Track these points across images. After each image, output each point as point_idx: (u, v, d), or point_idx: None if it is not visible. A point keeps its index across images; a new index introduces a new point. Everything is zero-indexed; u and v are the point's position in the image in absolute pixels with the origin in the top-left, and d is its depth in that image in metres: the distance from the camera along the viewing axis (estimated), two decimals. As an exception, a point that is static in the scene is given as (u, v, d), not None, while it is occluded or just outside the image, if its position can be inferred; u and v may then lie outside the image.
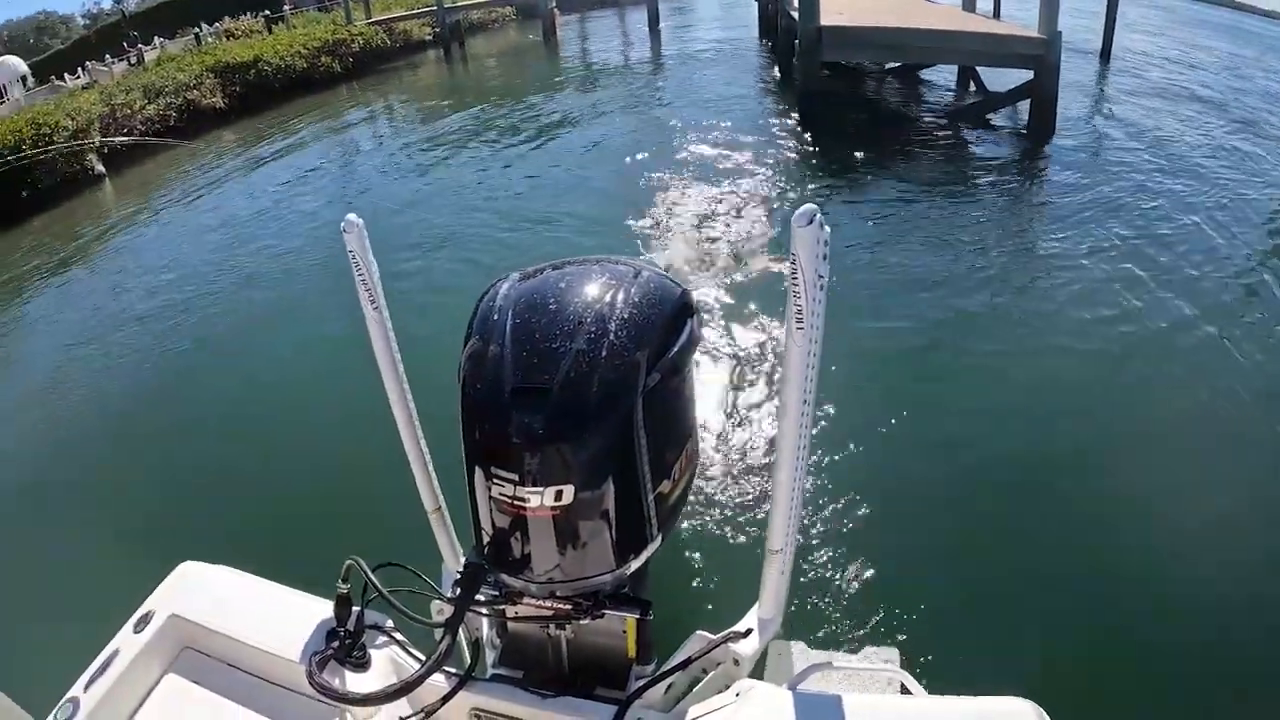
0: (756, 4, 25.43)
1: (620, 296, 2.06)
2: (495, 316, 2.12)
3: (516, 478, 1.96)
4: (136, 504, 6.57)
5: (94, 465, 7.38)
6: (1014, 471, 5.56)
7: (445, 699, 2.34)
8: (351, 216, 2.17)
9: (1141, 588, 4.62)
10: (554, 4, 31.11)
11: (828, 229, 1.62)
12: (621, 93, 19.80)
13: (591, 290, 2.11)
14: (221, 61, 25.97)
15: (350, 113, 23.58)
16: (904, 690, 2.13)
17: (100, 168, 20.44)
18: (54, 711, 2.37)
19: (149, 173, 20.10)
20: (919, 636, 4.21)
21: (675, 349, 2.09)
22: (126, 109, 22.25)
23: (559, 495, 1.96)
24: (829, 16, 13.79)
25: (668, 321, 2.11)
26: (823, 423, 5.67)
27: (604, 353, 1.96)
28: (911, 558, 4.82)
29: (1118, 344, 6.99)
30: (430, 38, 34.14)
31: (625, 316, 2.02)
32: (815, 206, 1.61)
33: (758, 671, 2.24)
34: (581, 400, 1.94)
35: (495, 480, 2.00)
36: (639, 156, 13.56)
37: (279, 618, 2.56)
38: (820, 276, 1.66)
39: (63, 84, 27.81)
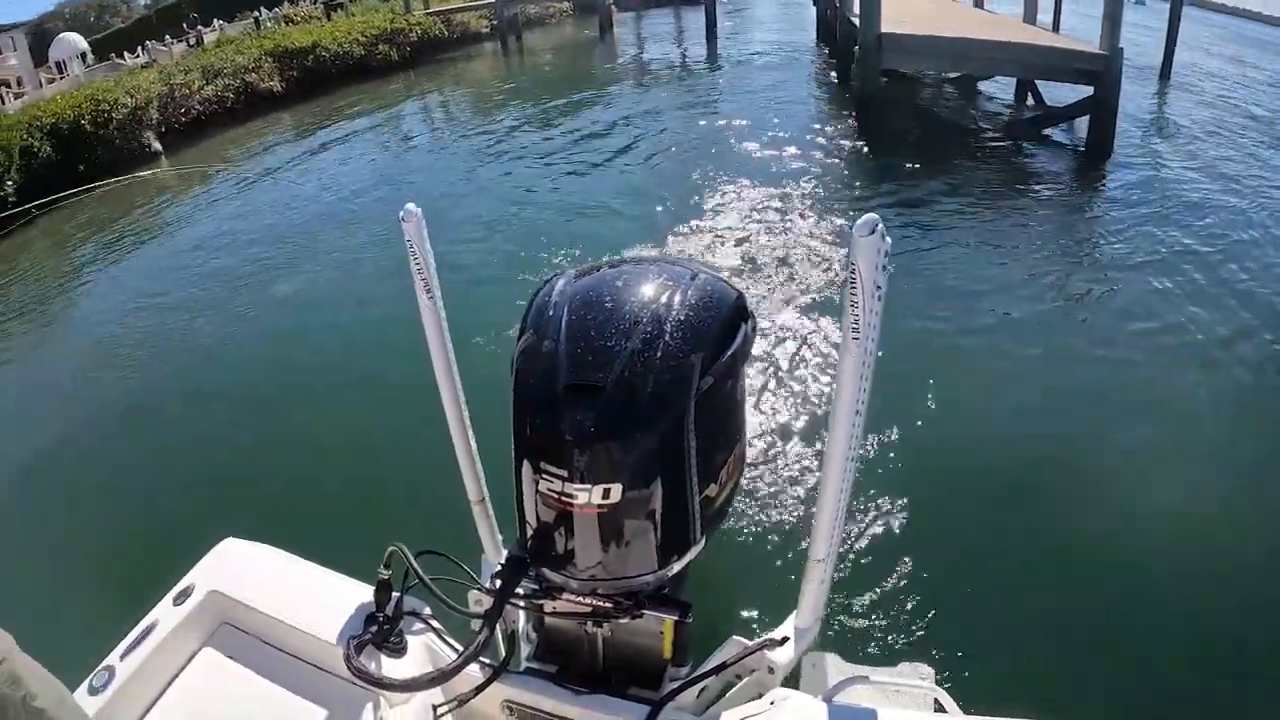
0: (815, 8, 25.29)
1: (677, 298, 2.05)
2: (551, 312, 2.11)
3: (565, 474, 1.96)
4: (180, 478, 6.66)
5: (141, 437, 7.51)
6: (1060, 491, 5.45)
7: (478, 689, 2.35)
8: (411, 206, 2.16)
9: (1193, 617, 4.54)
10: (611, 1, 31.17)
11: (888, 240, 1.60)
12: (677, 92, 19.77)
13: (648, 290, 2.09)
14: (280, 46, 26.35)
15: (406, 102, 23.75)
16: (939, 708, 2.10)
17: (157, 145, 20.78)
18: (88, 679, 2.40)
19: (205, 152, 20.37)
20: (955, 655, 4.16)
21: (729, 353, 2.07)
22: (185, 89, 22.61)
23: (606, 493, 1.95)
24: (889, 23, 13.64)
25: (723, 325, 2.08)
26: (867, 432, 5.55)
27: (659, 354, 1.95)
28: (950, 574, 4.76)
29: (1173, 362, 6.85)
30: (487, 30, 34.35)
31: (681, 318, 2.00)
32: (877, 216, 1.58)
33: (791, 681, 2.23)
34: (634, 400, 1.93)
35: (544, 475, 2.00)
36: (694, 156, 13.54)
37: (318, 599, 2.59)
38: (879, 287, 1.64)
39: (122, 62, 28.26)
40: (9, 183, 16.93)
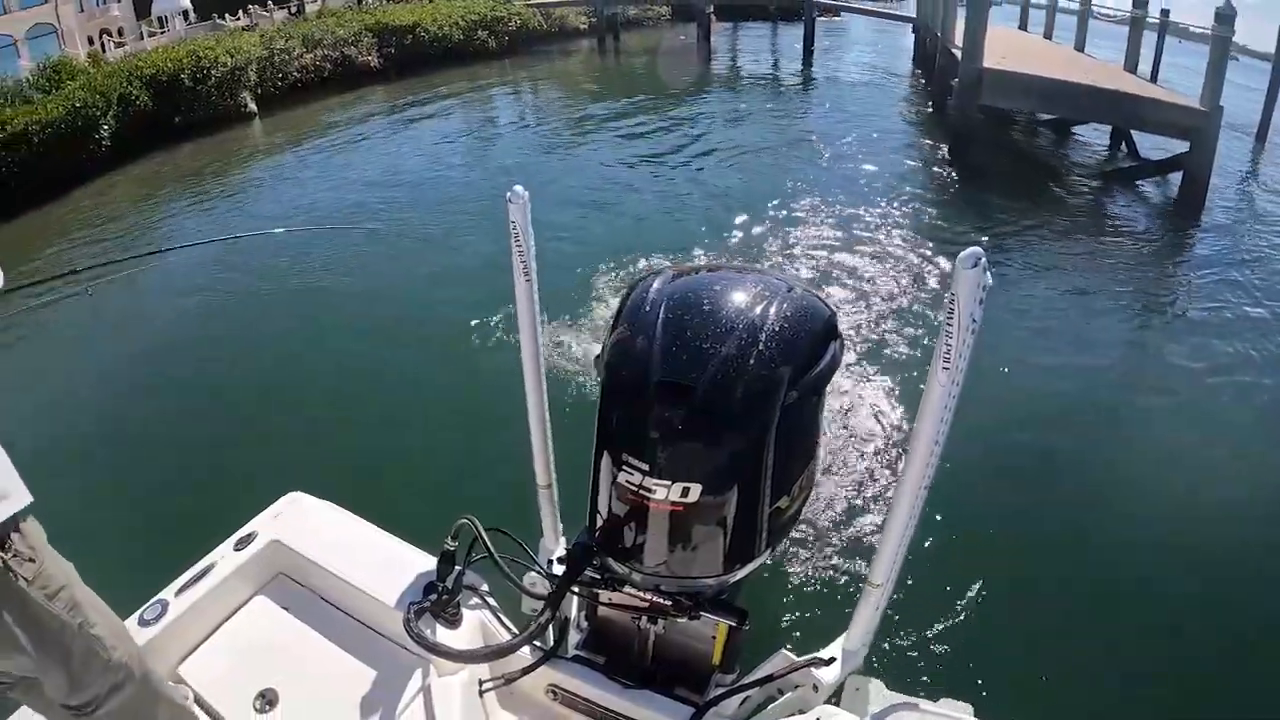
0: (913, 35, 25.09)
1: (773, 309, 2.05)
2: (647, 309, 2.12)
3: (647, 468, 1.97)
4: (256, 430, 6.80)
5: (222, 387, 7.67)
6: (1123, 541, 5.36)
7: (526, 670, 2.38)
8: (518, 188, 2.18)
9: (1259, 679, 4.46)
10: (711, 9, 31.15)
11: (989, 275, 1.60)
12: (770, 105, 19.74)
13: (745, 298, 2.10)
14: (381, 23, 26.65)
15: (500, 89, 23.96)
16: None
17: (253, 106, 21.17)
18: (141, 610, 2.46)
19: (299, 118, 20.73)
20: (999, 694, 4.09)
21: (817, 370, 2.07)
22: (285, 55, 23.00)
23: (685, 492, 1.96)
24: (991, 59, 13.55)
25: (814, 342, 2.10)
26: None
27: (751, 361, 1.95)
28: (1003, 614, 4.72)
29: (1241, 418, 6.78)
30: (585, 27, 34.46)
31: (775, 330, 2.01)
32: (980, 250, 1.58)
33: (833, 702, 2.22)
34: (724, 404, 1.94)
35: (624, 467, 2.01)
36: (783, 170, 13.58)
37: (378, 561, 2.63)
38: (974, 320, 1.63)
39: (224, 23, 28.78)
40: (104, 126, 17.31)
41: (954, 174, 13.36)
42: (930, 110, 18.11)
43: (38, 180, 15.70)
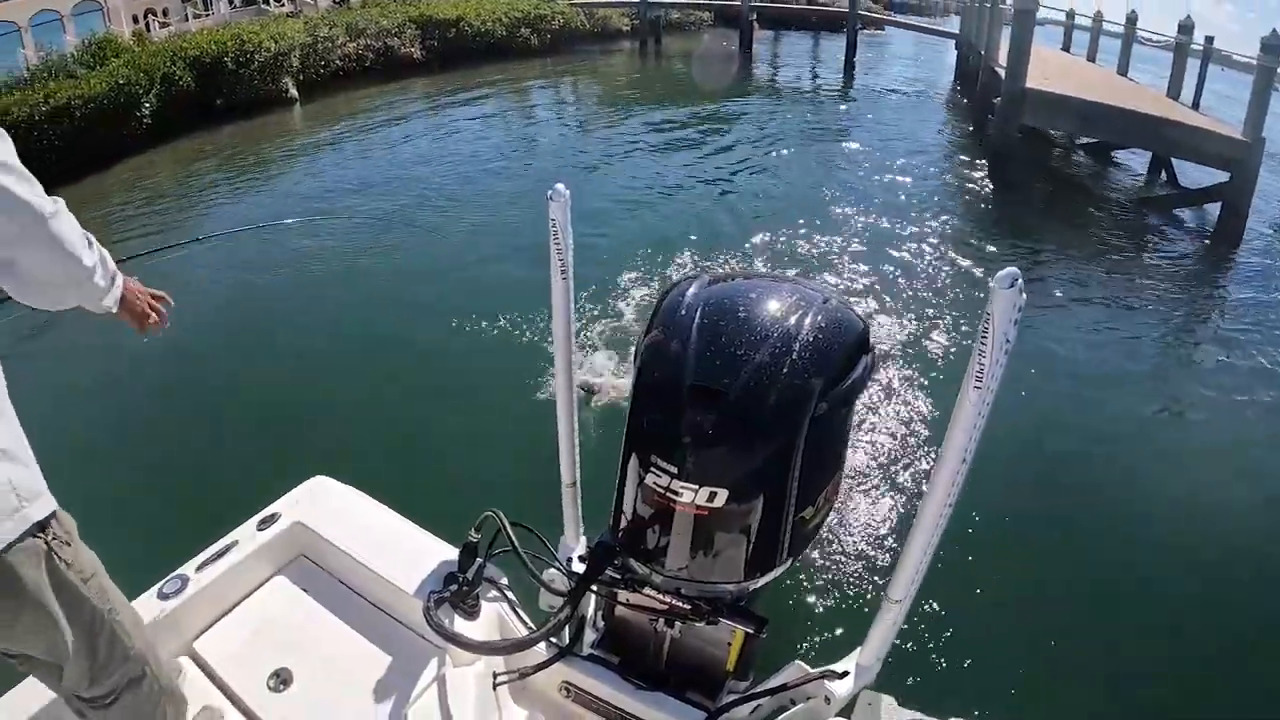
0: (955, 52, 24.99)
1: (807, 319, 2.06)
2: (682, 312, 2.13)
3: (675, 471, 1.98)
4: (283, 413, 6.86)
5: (252, 368, 7.76)
6: (1149, 571, 5.33)
7: (541, 666, 2.40)
8: (560, 186, 2.19)
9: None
10: (754, 16, 31.12)
11: (1025, 295, 1.60)
12: (809, 116, 19.70)
13: (781, 307, 2.11)
14: (425, 15, 26.74)
15: (541, 87, 24.03)
16: None
17: (294, 92, 21.31)
18: (160, 584, 2.50)
19: (339, 105, 20.86)
20: (1009, 716, 4.11)
21: (848, 382, 2.08)
22: (328, 42, 23.12)
23: (711, 496, 1.97)
24: (1034, 79, 13.48)
25: (847, 354, 2.10)
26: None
27: (784, 370, 1.96)
28: (1020, 638, 4.70)
29: (1269, 466, 6.65)
30: (628, 29, 34.49)
31: (809, 340, 2.02)
32: (1017, 270, 1.58)
33: (845, 716, 2.22)
34: (755, 411, 1.95)
35: (652, 469, 2.03)
36: (821, 179, 13.59)
37: (399, 549, 2.66)
38: (1008, 340, 1.63)
39: (268, 8, 28.93)
40: (146, 104, 17.46)
41: (992, 193, 13.31)
42: (970, 127, 18.00)
43: (80, 155, 15.84)
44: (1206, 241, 12.15)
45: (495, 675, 2.48)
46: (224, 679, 2.41)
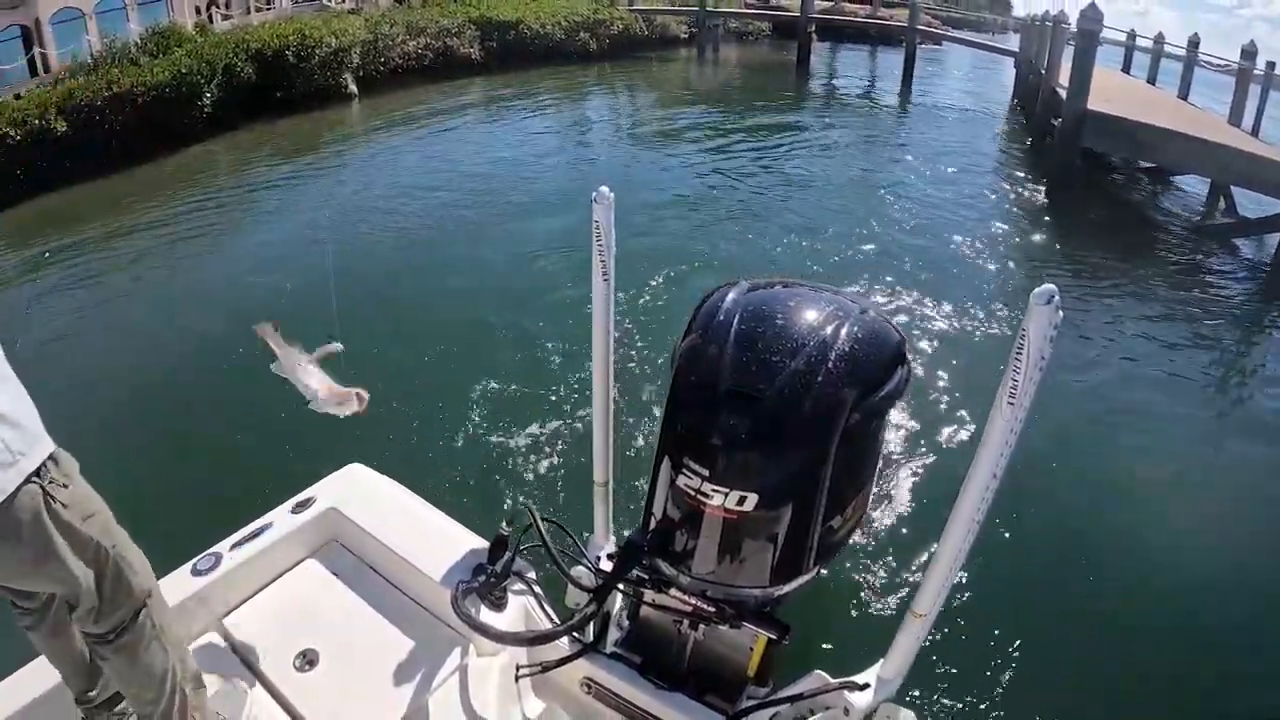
0: (1014, 70, 24.74)
1: (845, 330, 2.08)
2: (721, 317, 2.15)
3: (707, 473, 2.00)
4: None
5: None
6: (1176, 591, 5.24)
7: (564, 660, 2.42)
8: (604, 189, 2.21)
9: None
10: (812, 29, 31.01)
11: (1061, 313, 1.60)
12: (863, 129, 19.56)
13: (818, 316, 2.13)
14: (485, 16, 27.01)
15: (597, 91, 24.14)
16: None
17: (353, 88, 21.55)
18: (194, 560, 2.57)
19: (398, 102, 21.02)
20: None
21: (883, 393, 2.09)
22: (388, 40, 23.37)
23: (741, 501, 1.98)
24: (1096, 101, 13.31)
25: (882, 366, 2.12)
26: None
27: (819, 379, 1.98)
28: (1045, 657, 4.63)
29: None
30: (685, 36, 34.60)
31: (845, 350, 2.04)
32: (1054, 288, 1.58)
33: (862, 727, 2.22)
34: (790, 417, 1.97)
35: (684, 471, 2.04)
36: (871, 193, 13.51)
37: (430, 538, 2.71)
38: (1043, 358, 1.64)
39: (329, 4, 29.28)
40: (207, 94, 17.79)
41: (1048, 213, 13.14)
42: (1028, 146, 17.77)
43: (140, 141, 16.24)
44: (1266, 273, 11.88)
45: (518, 667, 2.51)
46: (251, 655, 2.47)
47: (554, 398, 6.51)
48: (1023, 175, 15.26)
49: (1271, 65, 15.88)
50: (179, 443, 6.42)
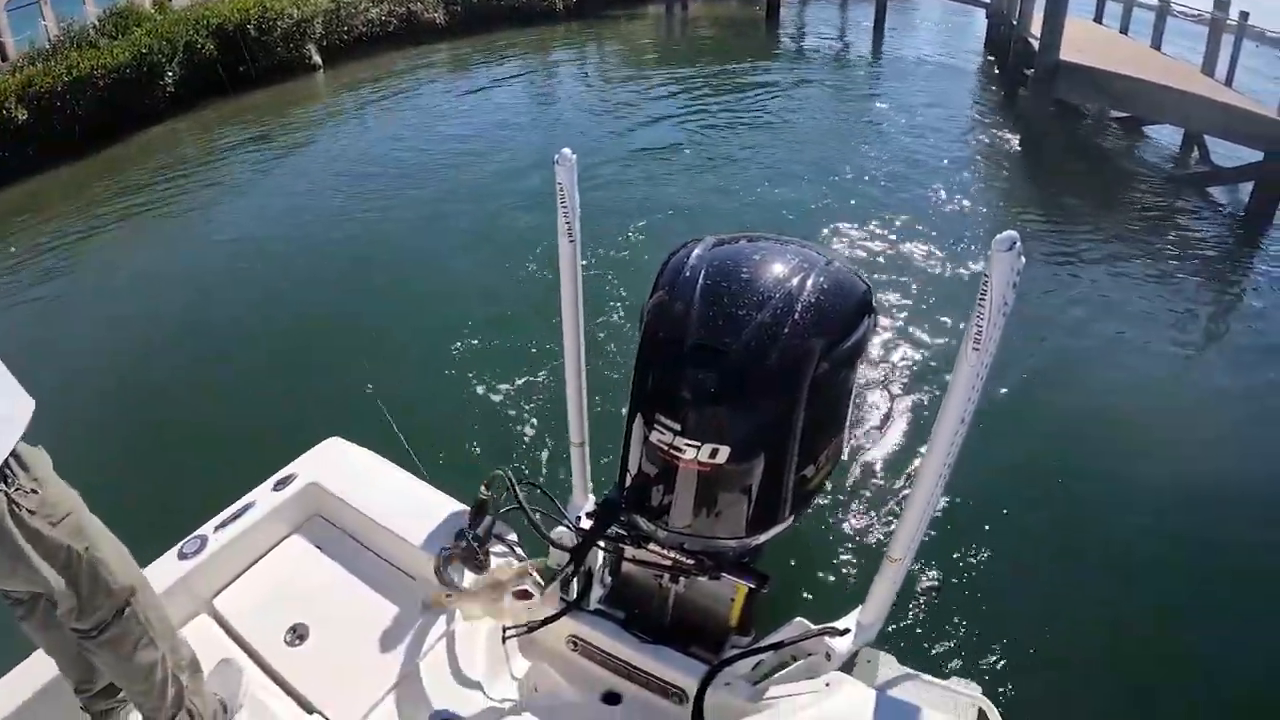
0: (986, 21, 24.60)
1: (810, 281, 2.09)
2: (686, 273, 2.16)
3: (679, 428, 2.02)
4: (297, 377, 6.98)
5: (268, 332, 7.85)
6: (1146, 530, 5.39)
7: (548, 620, 2.45)
8: (566, 151, 2.22)
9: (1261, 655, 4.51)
10: (780, -17, 30.69)
11: (1023, 259, 1.63)
12: (835, 82, 19.39)
13: (783, 269, 2.13)
14: (447, -22, 26.51)
15: (564, 50, 23.86)
16: (982, 718, 2.12)
17: (318, 59, 21.24)
18: (180, 544, 2.59)
19: (362, 71, 20.81)
20: (1006, 674, 4.18)
21: (849, 343, 2.11)
22: (351, 8, 22.96)
23: (714, 454, 2.00)
24: (1069, 52, 13.27)
25: (848, 315, 2.13)
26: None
27: (786, 330, 1.99)
28: (1014, 595, 4.76)
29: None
30: (652, -7, 34.22)
31: (811, 301, 2.05)
32: (1015, 234, 1.61)
33: (844, 672, 2.26)
34: (757, 369, 1.99)
35: (656, 427, 2.06)
36: (842, 146, 13.51)
37: (411, 507, 2.73)
38: (1006, 303, 1.66)
39: (290, -26, 28.78)
40: (169, 74, 17.54)
41: (1021, 165, 13.20)
42: (1001, 98, 17.69)
43: (103, 122, 16.07)
44: (1239, 220, 11.94)
45: (504, 629, 2.53)
46: (242, 634, 2.49)
47: (530, 360, 6.52)
48: (995, 127, 15.25)
49: (1245, 15, 15.84)
50: (156, 427, 6.43)
